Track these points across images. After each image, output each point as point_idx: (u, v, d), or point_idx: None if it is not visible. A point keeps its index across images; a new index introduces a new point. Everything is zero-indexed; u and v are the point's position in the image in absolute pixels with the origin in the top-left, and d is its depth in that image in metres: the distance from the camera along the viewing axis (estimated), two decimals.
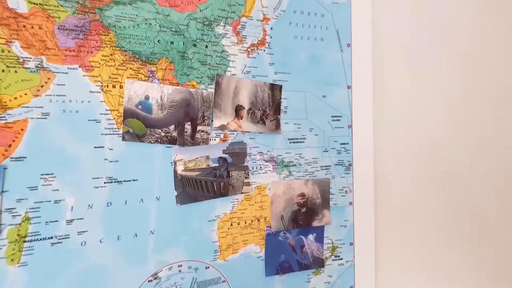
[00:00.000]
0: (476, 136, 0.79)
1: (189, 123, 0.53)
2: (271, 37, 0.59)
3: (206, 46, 0.54)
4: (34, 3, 0.42)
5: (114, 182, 0.48)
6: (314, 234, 0.63)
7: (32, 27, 0.43)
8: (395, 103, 0.69)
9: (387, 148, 0.68)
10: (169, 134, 0.50)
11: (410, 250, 0.71)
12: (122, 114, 0.48)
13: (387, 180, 0.68)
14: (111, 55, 0.47)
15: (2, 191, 0.41)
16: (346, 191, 0.65)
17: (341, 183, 0.64)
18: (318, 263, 0.63)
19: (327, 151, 0.64)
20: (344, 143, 0.65)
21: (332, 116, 0.64)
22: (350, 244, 0.66)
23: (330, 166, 0.64)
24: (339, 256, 0.65)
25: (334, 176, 0.64)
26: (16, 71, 0.43)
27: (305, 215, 0.61)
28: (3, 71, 0.42)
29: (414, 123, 0.72)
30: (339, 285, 0.64)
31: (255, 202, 0.58)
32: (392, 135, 0.69)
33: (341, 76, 0.64)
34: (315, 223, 0.62)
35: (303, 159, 0.62)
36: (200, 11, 0.52)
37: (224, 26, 0.54)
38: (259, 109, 0.58)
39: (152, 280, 0.51)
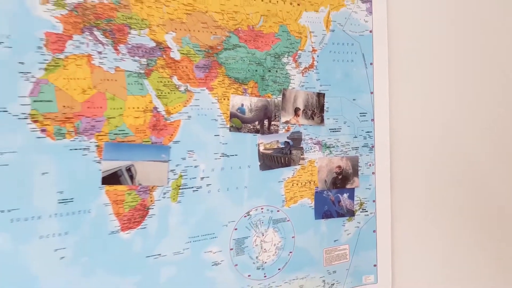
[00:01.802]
0: (488, 128, 0.95)
1: (267, 120, 0.73)
2: (317, 62, 0.77)
3: (276, 71, 0.74)
4: (183, 53, 0.66)
5: (225, 156, 0.70)
6: (347, 194, 0.82)
7: (182, 67, 0.66)
8: (406, 103, 0.88)
9: (400, 134, 0.87)
10: (255, 127, 0.72)
11: (417, 204, 0.90)
12: (229, 115, 0.70)
13: (400, 156, 0.87)
14: (222, 80, 0.69)
15: (169, 160, 0.67)
16: (370, 165, 0.84)
17: (366, 159, 0.83)
18: (350, 213, 0.82)
19: (356, 137, 0.82)
20: (369, 131, 0.83)
21: (360, 113, 0.82)
22: (373, 201, 0.84)
23: (358, 147, 0.82)
24: (365, 209, 0.84)
25: (361, 154, 0.83)
26: (175, 93, 0.65)
27: (341, 180, 0.81)
28: (168, 93, 0.66)
29: (422, 116, 0.90)
30: (365, 229, 0.84)
31: (308, 171, 0.77)
32: (403, 125, 0.88)
33: (366, 85, 0.82)
34: (348, 186, 0.81)
35: (340, 143, 0.80)
36: (273, 49, 0.73)
37: (287, 57, 0.74)
38: (309, 110, 0.77)
39: (246, 216, 0.72)
